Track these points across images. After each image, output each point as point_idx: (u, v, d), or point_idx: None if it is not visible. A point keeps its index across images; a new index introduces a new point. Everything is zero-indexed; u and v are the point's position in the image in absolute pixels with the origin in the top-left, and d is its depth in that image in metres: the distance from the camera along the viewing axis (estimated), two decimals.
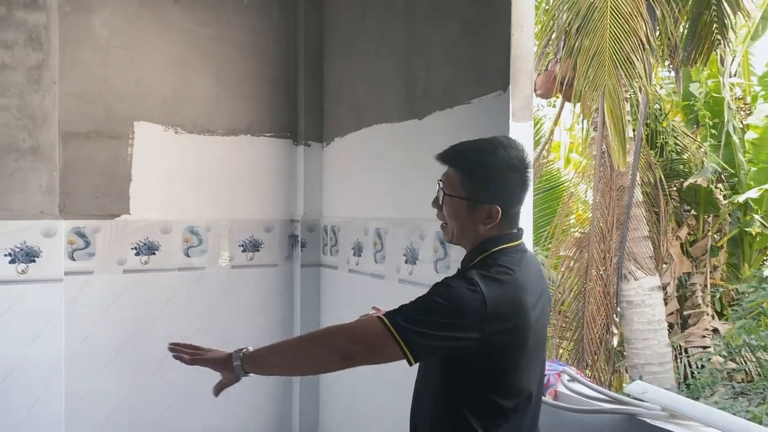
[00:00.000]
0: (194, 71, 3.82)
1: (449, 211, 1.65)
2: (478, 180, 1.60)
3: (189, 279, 3.79)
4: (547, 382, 2.27)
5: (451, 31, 2.87)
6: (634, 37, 4.99)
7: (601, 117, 6.32)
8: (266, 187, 4.01)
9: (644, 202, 7.25)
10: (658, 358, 6.72)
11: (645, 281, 6.86)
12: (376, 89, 3.52)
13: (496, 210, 1.59)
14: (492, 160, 1.60)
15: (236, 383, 1.78)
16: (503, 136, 1.75)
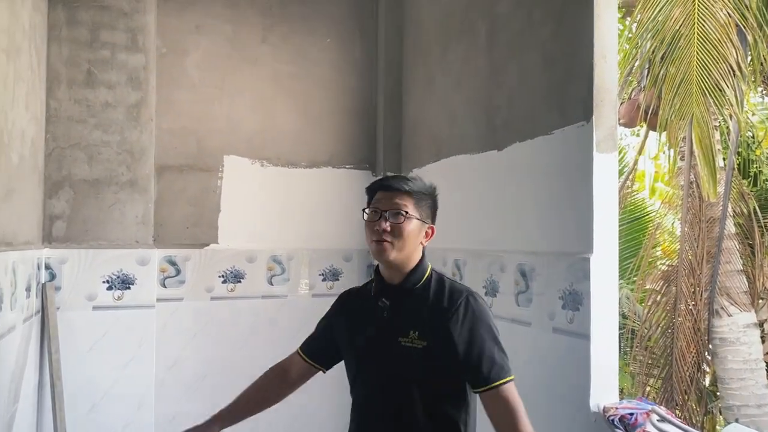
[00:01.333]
0: (279, 107, 3.97)
1: (408, 231, 1.77)
2: (424, 203, 1.83)
3: (272, 306, 3.89)
4: (635, 421, 2.18)
5: (533, 62, 2.87)
6: (723, 63, 4.81)
7: (688, 146, 6.10)
8: (346, 218, 4.09)
9: (737, 234, 6.89)
10: (756, 399, 6.30)
11: (739, 317, 6.48)
12: (455, 120, 3.55)
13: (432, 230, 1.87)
14: (431, 188, 1.89)
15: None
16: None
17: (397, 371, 1.78)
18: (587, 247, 2.46)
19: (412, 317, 1.78)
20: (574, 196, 2.55)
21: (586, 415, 2.39)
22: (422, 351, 1.73)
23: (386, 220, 1.76)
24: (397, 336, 1.77)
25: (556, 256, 2.61)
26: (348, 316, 1.95)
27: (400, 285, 1.82)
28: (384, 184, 1.85)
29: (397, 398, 1.77)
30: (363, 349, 1.85)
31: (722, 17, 4.85)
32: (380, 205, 1.80)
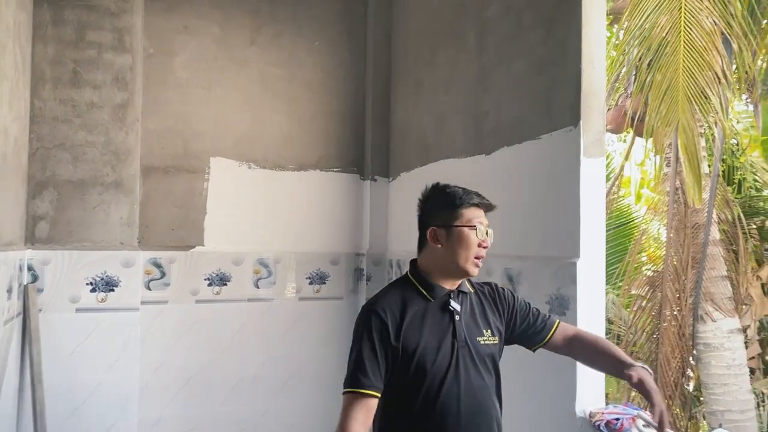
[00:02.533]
0: (267, 109, 3.96)
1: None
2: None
3: (258, 310, 3.87)
4: (621, 426, 2.18)
5: (522, 68, 2.88)
6: (709, 71, 4.84)
7: (674, 152, 6.14)
8: (333, 221, 4.08)
9: (722, 241, 6.94)
10: (740, 405, 6.34)
11: (723, 323, 6.52)
12: (444, 124, 3.55)
13: None
14: None
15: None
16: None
17: (486, 370, 1.84)
18: (574, 252, 2.46)
19: (481, 317, 1.88)
20: (562, 201, 2.55)
21: (572, 421, 2.39)
22: (498, 347, 1.89)
23: (488, 238, 1.86)
24: (475, 337, 1.84)
25: (544, 261, 2.62)
26: (411, 327, 1.79)
27: (458, 290, 1.88)
28: (483, 201, 1.89)
29: (490, 394, 1.84)
30: (450, 355, 1.79)
31: (708, 25, 4.89)
32: (485, 222, 1.87)
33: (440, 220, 1.85)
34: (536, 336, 1.96)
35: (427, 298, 1.83)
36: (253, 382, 3.83)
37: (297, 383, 3.93)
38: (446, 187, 1.93)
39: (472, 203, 1.86)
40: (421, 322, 1.79)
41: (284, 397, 3.89)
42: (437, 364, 1.77)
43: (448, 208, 1.86)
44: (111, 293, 3.41)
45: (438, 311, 1.82)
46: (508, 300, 1.96)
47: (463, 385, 1.78)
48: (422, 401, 1.76)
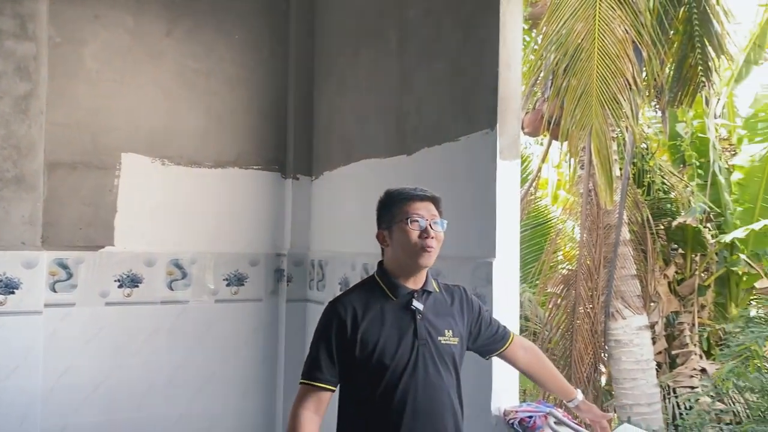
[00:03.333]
0: (184, 104, 3.82)
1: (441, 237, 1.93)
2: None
3: (172, 312, 3.73)
4: (534, 424, 2.23)
5: (441, 70, 2.90)
6: (621, 77, 5.05)
7: (588, 156, 6.37)
8: (253, 220, 3.98)
9: (631, 241, 7.26)
10: (647, 398, 6.65)
11: (633, 320, 6.83)
12: (366, 124, 3.54)
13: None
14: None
15: None
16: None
17: (445, 369, 1.90)
18: (490, 252, 2.50)
19: (444, 318, 1.94)
20: (479, 202, 2.59)
21: (487, 419, 2.42)
22: (458, 347, 1.95)
23: (432, 228, 1.89)
24: (437, 336, 1.90)
25: (461, 261, 2.64)
26: (372, 325, 1.87)
27: (423, 289, 1.94)
28: (420, 193, 1.95)
29: (448, 392, 1.90)
30: (410, 353, 1.86)
31: (620, 33, 5.10)
32: (424, 214, 1.91)
33: (383, 223, 1.96)
34: (493, 345, 2.10)
35: (390, 297, 1.91)
36: (166, 387, 3.70)
37: (213, 387, 3.82)
38: (390, 190, 2.01)
39: (404, 198, 1.93)
40: (382, 320, 1.88)
41: (200, 402, 3.77)
42: (396, 361, 1.85)
43: (386, 209, 1.96)
44: (11, 296, 3.21)
45: (400, 310, 1.90)
46: (474, 308, 2.04)
47: (421, 382, 1.85)
48: (380, 396, 1.84)
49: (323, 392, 1.86)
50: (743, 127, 8.88)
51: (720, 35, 6.07)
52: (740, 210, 8.36)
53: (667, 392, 7.29)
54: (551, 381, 2.18)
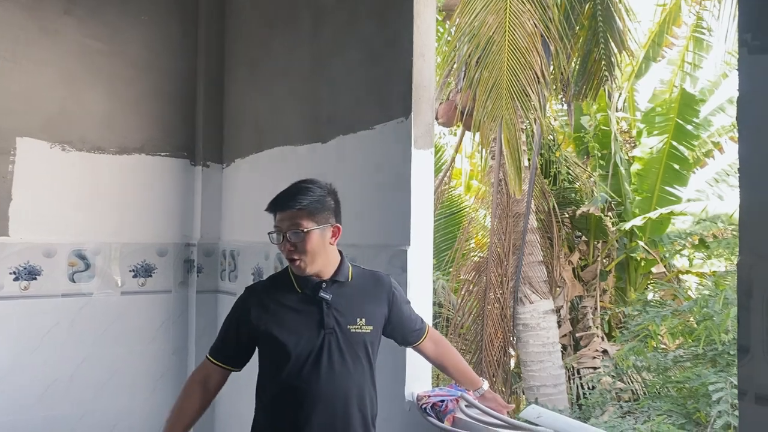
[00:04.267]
0: (86, 86, 3.62)
1: (310, 245, 1.91)
2: (321, 209, 1.94)
3: (74, 306, 3.55)
4: (445, 407, 2.27)
5: (356, 58, 2.88)
6: (530, 70, 5.22)
7: (498, 146, 6.56)
8: (160, 209, 3.84)
9: (539, 229, 7.55)
10: (553, 380, 6.95)
11: (540, 304, 7.11)
12: (280, 111, 3.47)
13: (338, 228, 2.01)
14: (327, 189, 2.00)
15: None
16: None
17: (353, 357, 1.95)
18: (405, 240, 2.52)
19: (355, 306, 1.98)
20: (394, 191, 2.60)
21: (401, 404, 2.45)
22: (371, 335, 1.99)
23: (288, 240, 1.90)
24: (346, 325, 1.95)
25: (377, 249, 2.65)
26: (270, 313, 1.95)
27: (333, 279, 1.97)
28: (279, 204, 1.94)
29: (355, 380, 1.95)
30: (314, 342, 1.91)
31: (530, 27, 5.25)
32: (281, 226, 1.92)
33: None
34: (409, 336, 2.17)
35: (297, 288, 1.97)
36: (69, 384, 3.51)
37: (120, 383, 3.67)
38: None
39: (270, 209, 1.97)
40: (288, 310, 1.95)
41: (105, 398, 3.62)
42: (299, 350, 1.91)
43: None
44: None
45: (308, 300, 1.95)
46: (390, 295, 2.08)
47: (324, 370, 1.91)
48: (283, 382, 1.92)
49: (215, 368, 2.00)
50: (642, 120, 9.39)
51: (622, 32, 6.38)
52: (639, 199, 8.86)
53: (571, 373, 7.65)
54: (458, 372, 2.28)
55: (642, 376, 6.83)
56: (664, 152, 8.55)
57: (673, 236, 8.82)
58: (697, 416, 5.15)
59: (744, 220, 1.50)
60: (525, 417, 2.13)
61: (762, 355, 1.42)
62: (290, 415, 1.92)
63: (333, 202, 2.00)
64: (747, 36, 1.50)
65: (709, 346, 5.57)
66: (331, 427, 1.93)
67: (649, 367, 6.33)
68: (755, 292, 1.43)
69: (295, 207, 1.91)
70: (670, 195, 8.69)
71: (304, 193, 1.94)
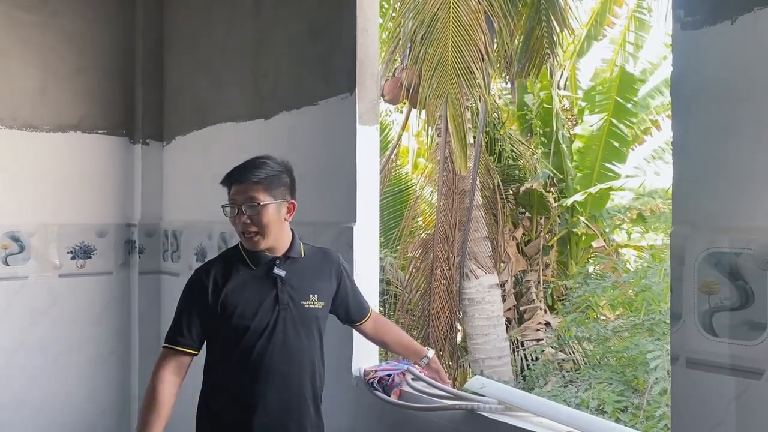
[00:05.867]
0: (15, 60, 3.46)
1: (266, 219, 1.90)
2: (277, 184, 1.94)
3: (9, 290, 3.43)
4: (392, 382, 2.29)
5: (299, 32, 2.84)
6: (474, 47, 5.24)
7: (444, 124, 6.59)
8: (99, 189, 3.72)
9: (484, 205, 7.65)
10: (498, 352, 7.11)
11: (485, 279, 7.23)
12: (221, 87, 3.40)
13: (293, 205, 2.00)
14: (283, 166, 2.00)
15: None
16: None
17: (307, 332, 1.97)
18: (351, 217, 2.52)
19: (308, 283, 2.00)
20: (339, 167, 2.59)
21: (349, 380, 2.46)
22: (322, 310, 2.03)
23: (244, 213, 1.88)
24: (299, 301, 1.96)
25: (323, 226, 2.64)
26: (224, 292, 1.93)
27: (286, 256, 1.98)
28: (235, 177, 1.92)
29: (308, 355, 1.98)
30: (269, 318, 1.93)
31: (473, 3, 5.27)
32: (237, 199, 1.91)
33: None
34: (351, 315, 2.20)
35: (251, 264, 1.96)
36: (5, 370, 3.40)
37: (60, 368, 3.56)
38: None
39: (225, 182, 1.95)
40: (243, 287, 1.94)
41: (44, 386, 3.51)
42: (255, 325, 1.92)
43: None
44: None
45: (262, 276, 1.95)
46: (338, 271, 2.11)
47: (279, 345, 1.93)
48: (237, 357, 1.93)
49: (183, 356, 1.93)
50: (584, 98, 9.57)
51: (564, 10, 6.46)
52: (580, 176, 9.06)
53: (516, 345, 7.83)
54: (401, 346, 2.32)
55: (583, 346, 7.06)
56: (604, 130, 8.75)
57: (612, 211, 9.08)
58: (636, 383, 5.36)
59: (677, 192, 1.55)
60: (469, 388, 2.18)
61: (693, 321, 1.48)
62: (245, 391, 1.93)
63: (289, 179, 1.99)
64: (680, 12, 1.54)
65: (646, 317, 5.78)
66: (286, 402, 1.95)
67: (589, 337, 6.54)
68: (687, 261, 1.49)
69: (251, 180, 1.89)
70: (610, 171, 8.92)
71: (261, 167, 1.92)
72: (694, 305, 1.47)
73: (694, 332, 1.47)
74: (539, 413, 1.93)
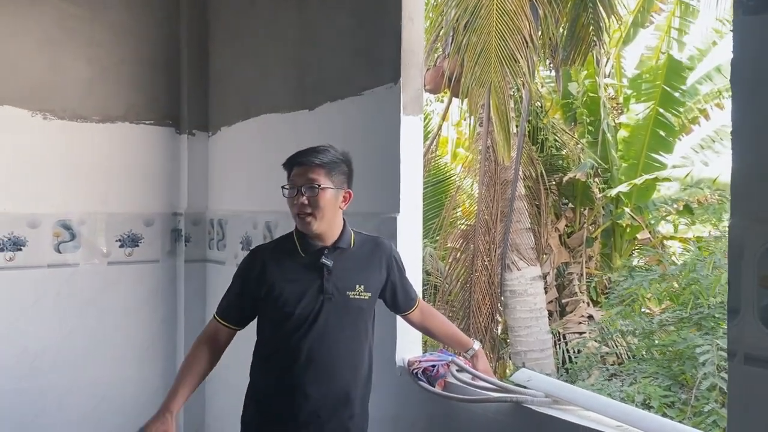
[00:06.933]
0: (66, 53, 3.54)
1: (324, 202, 1.94)
2: (337, 171, 1.99)
3: (60, 277, 3.52)
4: (437, 372, 2.28)
5: (344, 22, 2.82)
6: (518, 35, 5.16)
7: (486, 113, 6.51)
8: (146, 179, 3.79)
9: (526, 196, 7.56)
10: (540, 344, 7.04)
11: (527, 271, 7.16)
12: (266, 77, 3.41)
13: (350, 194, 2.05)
14: (343, 155, 2.04)
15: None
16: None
17: (350, 323, 1.99)
18: (394, 208, 2.51)
19: (355, 273, 2.01)
20: (383, 158, 2.57)
21: (392, 370, 2.46)
22: (368, 301, 2.02)
23: (303, 194, 1.92)
24: (345, 291, 1.98)
25: (365, 217, 2.63)
26: (274, 275, 1.99)
27: (335, 246, 2.00)
28: (297, 159, 1.97)
29: (349, 346, 2.01)
30: (313, 306, 1.95)
31: None
32: (296, 181, 1.95)
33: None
34: (398, 304, 2.20)
35: (300, 252, 2.00)
36: (56, 355, 3.50)
37: (108, 354, 3.65)
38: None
39: (287, 164, 2.00)
40: (290, 274, 1.98)
41: (93, 369, 3.61)
42: (298, 313, 1.95)
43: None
44: None
45: (309, 265, 1.98)
46: (389, 261, 2.11)
47: (320, 334, 1.95)
48: (281, 342, 1.98)
49: (222, 327, 2.04)
50: (629, 87, 9.35)
51: None
52: (625, 166, 8.88)
53: (557, 339, 7.74)
54: (446, 337, 2.33)
55: (627, 340, 6.94)
56: (650, 119, 8.55)
57: (658, 202, 8.87)
58: (683, 378, 5.25)
59: (736, 183, 1.49)
60: (515, 380, 2.15)
61: (751, 316, 1.43)
62: (286, 374, 1.98)
63: (347, 168, 2.04)
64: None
65: (694, 310, 5.64)
66: (325, 390, 1.98)
67: (634, 331, 6.42)
68: (746, 255, 1.44)
69: (314, 162, 1.94)
70: (656, 162, 8.72)
71: (323, 152, 1.97)
72: (753, 300, 1.42)
73: (754, 328, 1.42)
74: (587, 407, 1.90)
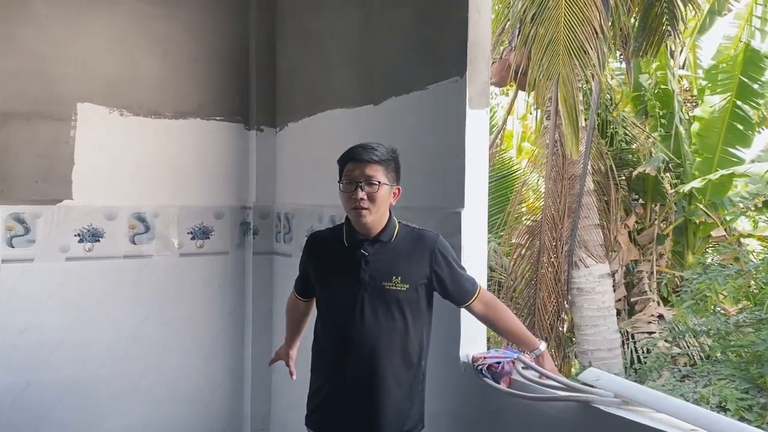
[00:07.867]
0: (141, 51, 3.67)
1: (380, 197, 2.04)
2: (390, 168, 2.09)
3: (135, 267, 3.66)
4: (502, 369, 2.26)
5: (408, 15, 2.82)
6: (588, 26, 5.02)
7: (554, 106, 6.37)
8: (217, 173, 3.89)
9: (595, 191, 7.36)
10: (607, 344, 6.86)
11: (595, 268, 6.98)
12: (331, 73, 3.45)
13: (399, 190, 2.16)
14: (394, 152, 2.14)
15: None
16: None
17: (386, 313, 2.07)
18: (459, 202, 2.49)
19: (392, 265, 2.08)
20: (448, 152, 2.56)
21: (456, 366, 2.45)
22: (406, 293, 2.08)
23: (362, 189, 2.02)
24: (381, 281, 2.07)
25: (428, 211, 2.62)
26: (322, 261, 2.22)
27: (377, 238, 2.10)
28: (353, 155, 2.06)
29: (383, 333, 2.07)
30: (351, 294, 2.08)
31: None
32: (355, 176, 2.04)
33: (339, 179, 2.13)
34: (451, 297, 2.21)
35: (345, 242, 2.13)
36: (132, 342, 3.65)
37: (180, 342, 3.78)
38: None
39: (341, 160, 2.11)
40: (332, 260, 2.16)
41: (165, 357, 3.74)
42: (336, 299, 2.13)
43: (339, 166, 2.13)
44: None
45: (350, 254, 2.10)
46: (432, 254, 2.12)
47: (358, 321, 2.07)
48: (324, 323, 2.20)
49: (295, 297, 2.46)
50: (705, 78, 8.97)
51: None
52: (699, 161, 8.53)
53: (626, 338, 7.53)
54: (510, 334, 2.29)
55: (699, 341, 6.67)
56: (726, 111, 8.17)
57: (735, 199, 8.49)
58: (761, 381, 5.01)
59: None
60: (583, 379, 2.10)
61: None
62: (329, 353, 2.17)
63: (396, 165, 2.12)
64: None
65: None
66: (360, 375, 2.09)
67: (708, 331, 6.17)
68: None
69: (372, 159, 2.04)
70: (733, 156, 8.34)
71: (378, 149, 2.07)
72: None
73: None
74: (660, 409, 1.84)
